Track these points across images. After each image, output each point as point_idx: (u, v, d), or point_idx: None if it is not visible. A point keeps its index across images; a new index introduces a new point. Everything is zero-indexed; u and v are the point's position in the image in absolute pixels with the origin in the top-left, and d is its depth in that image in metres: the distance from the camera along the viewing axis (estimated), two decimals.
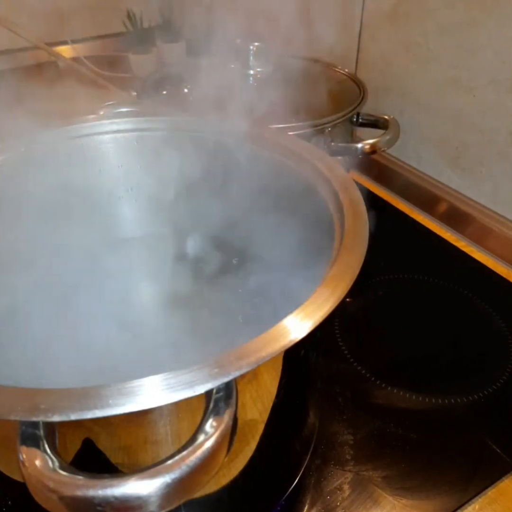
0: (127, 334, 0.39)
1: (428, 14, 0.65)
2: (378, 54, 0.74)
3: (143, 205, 0.48)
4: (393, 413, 0.44)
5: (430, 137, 0.70)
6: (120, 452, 0.26)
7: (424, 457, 0.41)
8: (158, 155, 0.46)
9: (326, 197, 0.36)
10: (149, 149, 0.46)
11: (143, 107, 0.47)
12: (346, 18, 0.76)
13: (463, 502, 0.38)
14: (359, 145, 0.58)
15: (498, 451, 0.41)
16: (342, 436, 0.42)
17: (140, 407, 0.21)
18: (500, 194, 0.64)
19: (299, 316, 0.25)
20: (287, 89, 0.64)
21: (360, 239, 0.30)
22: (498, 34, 0.58)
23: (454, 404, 0.45)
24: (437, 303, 0.56)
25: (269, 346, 0.23)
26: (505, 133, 0.61)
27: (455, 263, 0.62)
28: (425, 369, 0.49)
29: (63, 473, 0.20)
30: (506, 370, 0.48)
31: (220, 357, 0.22)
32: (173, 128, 0.45)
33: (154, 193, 0.48)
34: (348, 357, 0.49)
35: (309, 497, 0.38)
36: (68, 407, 0.20)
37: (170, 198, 0.47)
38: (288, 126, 0.55)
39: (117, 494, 0.19)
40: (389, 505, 0.38)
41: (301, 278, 0.34)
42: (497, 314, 0.54)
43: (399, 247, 0.64)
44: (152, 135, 0.46)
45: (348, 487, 0.39)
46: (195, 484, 0.21)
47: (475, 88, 0.63)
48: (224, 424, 0.21)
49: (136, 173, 0.47)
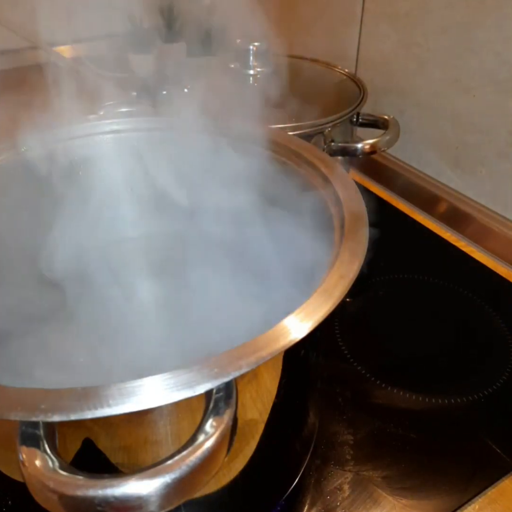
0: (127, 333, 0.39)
1: (428, 14, 0.65)
2: (378, 54, 0.74)
3: (143, 205, 0.48)
4: (393, 413, 0.44)
5: (430, 137, 0.70)
6: (120, 452, 0.26)
7: (424, 457, 0.41)
8: (158, 155, 0.46)
9: (326, 197, 0.36)
10: (148, 149, 0.46)
11: (143, 107, 0.47)
12: (346, 18, 0.76)
13: (463, 502, 0.38)
14: (359, 145, 0.58)
15: (498, 451, 0.41)
16: (342, 436, 0.42)
17: (140, 407, 0.21)
18: (500, 194, 0.64)
19: (299, 316, 0.25)
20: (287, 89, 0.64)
21: (360, 239, 0.30)
22: (498, 34, 0.58)
23: (454, 404, 0.45)
24: (437, 303, 0.56)
25: (269, 346, 0.23)
26: (505, 133, 0.61)
27: (455, 263, 0.63)
28: (425, 369, 0.49)
29: (63, 473, 0.20)
30: (506, 370, 0.48)
31: (220, 357, 0.22)
32: (173, 128, 0.45)
33: (154, 193, 0.48)
34: (348, 357, 0.49)
35: (309, 497, 0.38)
36: (68, 407, 0.20)
37: (170, 198, 0.47)
38: (288, 126, 0.55)
39: (117, 494, 0.19)
40: (389, 505, 0.38)
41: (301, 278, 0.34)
42: (497, 314, 0.54)
43: (399, 247, 0.64)
44: (152, 135, 0.46)
45: (348, 487, 0.39)
46: (195, 484, 0.21)
47: (475, 88, 0.63)
48: (224, 424, 0.21)
49: (136, 173, 0.47)
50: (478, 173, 0.66)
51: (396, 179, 0.76)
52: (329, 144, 0.58)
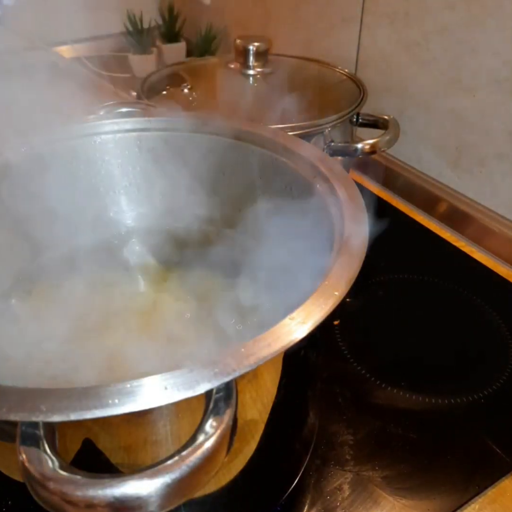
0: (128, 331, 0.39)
1: (428, 14, 0.65)
2: (378, 54, 0.74)
3: (143, 204, 0.49)
4: (393, 413, 0.44)
5: (430, 137, 0.70)
6: (120, 452, 0.26)
7: (424, 457, 0.41)
8: (158, 155, 0.46)
9: (326, 197, 0.36)
10: (149, 149, 0.46)
11: (143, 107, 0.47)
12: (346, 18, 0.76)
13: (463, 502, 0.38)
14: (359, 145, 0.58)
15: (498, 451, 0.41)
16: (342, 436, 0.42)
17: (140, 407, 0.21)
18: (500, 194, 0.64)
19: (299, 316, 0.25)
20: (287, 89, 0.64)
21: (360, 239, 0.30)
22: (498, 34, 0.58)
23: (454, 404, 0.45)
24: (437, 303, 0.56)
25: (269, 346, 0.23)
26: (505, 133, 0.61)
27: (455, 263, 0.63)
28: (425, 369, 0.49)
29: (63, 473, 0.20)
30: (506, 370, 0.48)
31: (220, 357, 0.22)
32: (173, 128, 0.45)
33: (153, 192, 0.48)
34: (348, 357, 0.49)
35: (309, 497, 0.38)
36: (68, 407, 0.20)
37: (169, 198, 0.47)
38: (288, 126, 0.55)
39: (117, 494, 0.19)
40: (389, 505, 0.38)
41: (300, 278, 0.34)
42: (497, 314, 0.54)
43: (399, 247, 0.64)
44: (152, 135, 0.46)
45: (348, 487, 0.39)
46: (195, 484, 0.21)
47: (475, 88, 0.63)
48: (224, 424, 0.21)
49: (136, 173, 0.47)
50: (478, 173, 0.66)
51: (396, 179, 0.76)
52: (329, 144, 0.58)
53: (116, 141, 0.46)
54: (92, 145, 0.45)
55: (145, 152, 0.46)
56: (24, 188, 0.41)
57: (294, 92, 0.58)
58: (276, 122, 0.52)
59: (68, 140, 0.44)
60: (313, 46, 0.85)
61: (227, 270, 0.43)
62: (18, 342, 0.38)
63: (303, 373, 0.34)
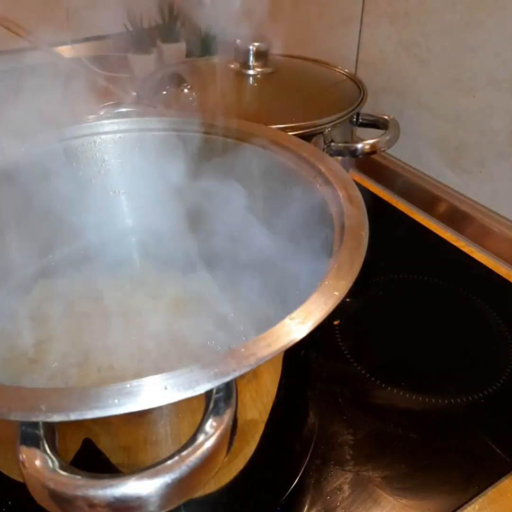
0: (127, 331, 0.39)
1: (428, 14, 0.65)
2: (378, 54, 0.74)
3: (143, 204, 0.49)
4: (393, 413, 0.44)
5: (430, 137, 0.70)
6: (120, 452, 0.26)
7: (424, 457, 0.41)
8: (158, 155, 0.46)
9: (326, 197, 0.36)
10: (149, 149, 0.46)
11: (143, 107, 0.47)
12: (346, 18, 0.76)
13: (463, 502, 0.38)
14: (359, 145, 0.58)
15: (498, 451, 0.41)
16: (342, 436, 0.42)
17: (140, 407, 0.21)
18: (500, 194, 0.64)
19: (299, 316, 0.25)
20: (287, 89, 0.64)
21: (360, 239, 0.30)
22: (498, 34, 0.58)
23: (454, 404, 0.45)
24: (437, 303, 0.56)
25: (269, 346, 0.23)
26: (505, 133, 0.61)
27: (455, 263, 0.63)
28: (425, 369, 0.49)
29: (63, 473, 0.20)
30: (506, 370, 0.48)
31: (220, 357, 0.22)
32: (173, 128, 0.45)
33: (153, 192, 0.48)
34: (348, 357, 0.49)
35: (309, 497, 0.38)
36: (68, 407, 0.20)
37: (169, 198, 0.47)
38: (288, 126, 0.55)
39: (117, 494, 0.19)
40: (389, 505, 0.38)
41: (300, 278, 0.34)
42: (497, 314, 0.54)
43: (399, 247, 0.64)
44: (152, 135, 0.46)
45: (348, 487, 0.39)
46: (195, 484, 0.21)
47: (475, 88, 0.63)
48: (224, 424, 0.21)
49: (136, 173, 0.47)
50: (478, 173, 0.66)
51: (396, 179, 0.76)
52: (329, 144, 0.58)
53: (116, 141, 0.46)
54: (92, 145, 0.45)
55: (145, 152, 0.46)
56: (23, 188, 0.41)
57: (294, 92, 0.58)
58: (276, 122, 0.52)
59: (68, 140, 0.44)
60: (313, 46, 0.85)
61: (227, 270, 0.43)
62: (18, 342, 0.38)
63: (303, 373, 0.34)
